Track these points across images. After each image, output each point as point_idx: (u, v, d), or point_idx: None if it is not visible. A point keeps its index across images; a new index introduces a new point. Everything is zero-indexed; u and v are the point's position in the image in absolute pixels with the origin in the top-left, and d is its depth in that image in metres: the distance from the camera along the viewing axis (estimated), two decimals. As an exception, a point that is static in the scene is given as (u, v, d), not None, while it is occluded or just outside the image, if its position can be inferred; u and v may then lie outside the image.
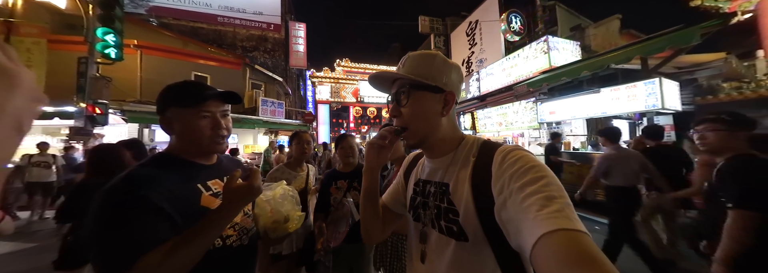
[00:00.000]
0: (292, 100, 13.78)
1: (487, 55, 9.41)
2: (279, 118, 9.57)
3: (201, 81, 0.68)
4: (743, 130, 1.04)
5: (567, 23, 8.20)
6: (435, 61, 0.55)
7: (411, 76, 0.54)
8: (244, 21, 11.14)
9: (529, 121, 6.17)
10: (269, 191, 0.85)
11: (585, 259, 0.30)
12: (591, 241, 0.32)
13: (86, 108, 4.56)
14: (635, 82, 3.94)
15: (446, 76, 0.55)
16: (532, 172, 0.41)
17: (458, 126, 0.61)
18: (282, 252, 1.48)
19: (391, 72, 0.56)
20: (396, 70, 0.57)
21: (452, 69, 0.56)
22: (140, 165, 0.63)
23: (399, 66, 0.58)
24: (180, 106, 0.64)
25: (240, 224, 0.72)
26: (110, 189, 0.55)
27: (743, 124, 1.05)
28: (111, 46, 4.83)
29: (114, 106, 5.59)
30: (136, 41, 7.16)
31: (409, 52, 0.61)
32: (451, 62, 0.57)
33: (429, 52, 0.56)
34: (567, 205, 0.36)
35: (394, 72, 0.57)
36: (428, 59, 0.55)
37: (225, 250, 0.65)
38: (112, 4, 4.81)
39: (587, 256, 0.30)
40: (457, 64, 0.59)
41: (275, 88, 10.83)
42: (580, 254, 0.30)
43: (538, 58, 6.52)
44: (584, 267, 0.29)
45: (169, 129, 0.66)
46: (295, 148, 1.62)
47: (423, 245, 0.56)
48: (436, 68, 0.54)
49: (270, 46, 11.88)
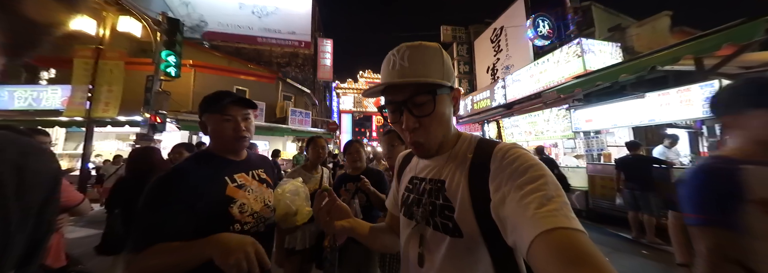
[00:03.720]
0: (318, 110, 14.55)
1: (513, 61, 9.00)
2: (306, 127, 10.16)
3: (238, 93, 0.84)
4: None
5: (605, 23, 7.52)
6: (438, 55, 0.49)
7: (430, 80, 0.47)
8: (279, 40, 12.33)
9: (563, 130, 5.67)
10: (285, 186, 0.94)
11: (582, 258, 0.29)
12: (588, 239, 0.32)
13: (150, 118, 5.37)
14: (689, 85, 3.42)
15: (449, 70, 0.50)
16: (530, 171, 0.41)
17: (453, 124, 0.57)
18: (296, 247, 1.57)
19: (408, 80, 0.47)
20: (391, 69, 0.49)
21: (448, 59, 0.51)
22: (186, 159, 0.81)
23: (398, 65, 0.48)
24: (210, 112, 0.80)
25: (259, 213, 0.83)
26: (157, 179, 0.70)
27: None
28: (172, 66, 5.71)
29: (171, 116, 6.51)
30: (192, 61, 8.35)
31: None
32: (443, 51, 0.51)
33: (427, 45, 0.49)
34: (565, 204, 0.36)
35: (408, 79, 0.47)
36: (433, 53, 0.49)
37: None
38: (175, 31, 5.74)
39: (584, 255, 0.30)
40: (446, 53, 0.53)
41: (304, 99, 11.59)
42: (577, 252, 0.30)
43: (570, 62, 6.05)
44: (581, 265, 0.29)
45: (205, 131, 0.83)
46: (311, 152, 1.74)
47: (417, 243, 0.55)
48: (442, 63, 0.49)
49: (300, 61, 12.88)
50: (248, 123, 0.84)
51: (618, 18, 7.77)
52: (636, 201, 3.27)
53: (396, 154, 1.48)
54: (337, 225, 0.60)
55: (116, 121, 6.32)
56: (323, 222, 0.60)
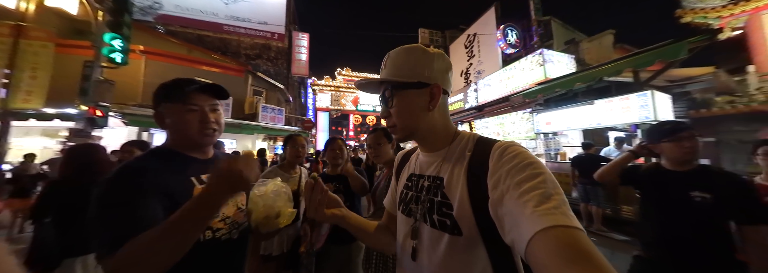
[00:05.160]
0: (293, 107, 13.94)
1: (485, 66, 9.60)
2: (278, 125, 9.65)
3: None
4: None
5: (562, 37, 8.43)
6: (414, 56, 0.54)
7: (392, 79, 0.54)
8: (249, 30, 11.49)
9: (526, 132, 6.18)
10: (263, 186, 0.85)
11: (581, 256, 0.30)
12: (587, 237, 0.32)
13: (88, 110, 4.61)
14: (628, 94, 3.99)
15: (428, 69, 0.53)
16: (529, 169, 0.41)
17: (451, 121, 0.59)
18: (272, 253, 1.48)
19: (375, 78, 0.58)
20: (380, 73, 0.58)
21: (434, 59, 0.54)
22: (137, 158, 0.67)
23: (382, 67, 0.58)
24: (169, 101, 0.67)
25: (232, 218, 0.72)
26: (108, 178, 0.57)
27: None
28: (117, 51, 4.98)
29: (115, 109, 5.66)
30: (142, 47, 7.37)
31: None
32: (432, 51, 0.55)
33: (408, 47, 0.55)
34: (563, 202, 0.36)
35: (378, 77, 0.57)
36: (407, 55, 0.55)
37: (214, 243, 0.65)
38: (122, 11, 5.01)
39: (583, 253, 0.30)
40: (439, 51, 0.56)
41: (276, 95, 10.99)
42: (576, 251, 0.30)
43: (533, 70, 6.65)
44: (580, 263, 0.29)
45: (162, 124, 0.69)
46: (290, 151, 1.63)
47: (414, 241, 0.54)
48: (416, 63, 0.54)
49: (273, 55, 12.18)
50: (217, 115, 0.71)
51: (572, 33, 8.76)
52: (587, 194, 3.73)
53: (383, 152, 1.48)
54: (328, 212, 0.59)
55: (42, 113, 5.29)
56: (314, 211, 0.59)
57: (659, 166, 1.17)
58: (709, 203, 0.99)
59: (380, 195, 1.37)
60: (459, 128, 0.62)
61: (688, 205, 1.02)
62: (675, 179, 1.08)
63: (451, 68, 0.58)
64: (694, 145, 1.05)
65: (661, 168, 1.15)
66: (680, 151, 1.06)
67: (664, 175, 1.12)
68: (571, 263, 0.29)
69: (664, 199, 1.09)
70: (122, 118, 6.06)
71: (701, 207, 0.99)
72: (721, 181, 1.01)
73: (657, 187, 1.13)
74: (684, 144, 1.05)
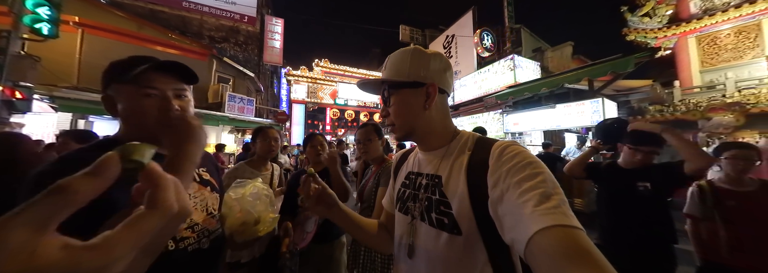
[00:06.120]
0: (264, 97, 13.08)
1: (461, 67, 9.99)
2: (248, 116, 8.98)
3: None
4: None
5: (530, 45, 9.13)
6: (411, 57, 0.56)
7: (390, 79, 0.56)
8: (213, 9, 10.40)
9: (496, 131, 6.63)
10: (240, 188, 0.76)
11: (580, 255, 0.30)
12: (586, 237, 0.32)
13: (3, 91, 3.81)
14: (583, 100, 4.49)
15: (424, 69, 0.55)
16: (529, 168, 0.41)
17: (451, 120, 0.61)
18: (241, 260, 1.34)
19: (376, 78, 0.59)
20: (381, 74, 0.60)
21: (430, 59, 0.56)
22: (81, 149, 0.54)
23: (382, 69, 0.60)
24: (121, 82, 0.53)
25: (201, 225, 0.62)
26: (38, 173, 0.46)
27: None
28: (43, 21, 4.13)
29: (41, 91, 4.76)
30: (78, 18, 6.25)
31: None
32: (429, 52, 0.57)
33: (405, 49, 0.58)
34: (563, 201, 0.36)
35: (379, 77, 0.59)
36: (404, 56, 0.56)
37: (179, 254, 0.57)
38: (53, -26, 4.18)
39: (583, 252, 0.30)
40: (436, 52, 0.58)
41: (246, 83, 10.20)
42: (576, 250, 0.30)
43: (505, 74, 7.11)
44: (579, 262, 0.29)
45: (112, 110, 0.56)
46: (260, 145, 1.46)
47: (411, 239, 0.54)
48: (412, 64, 0.55)
49: (242, 39, 11.22)
50: (185, 103, 0.58)
51: (538, 42, 9.54)
52: (545, 189, 4.18)
53: (372, 148, 1.46)
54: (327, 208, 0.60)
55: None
56: (312, 208, 0.59)
57: (615, 164, 1.42)
58: (649, 190, 1.23)
59: (368, 193, 1.34)
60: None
61: (633, 193, 1.26)
62: (625, 174, 1.33)
63: (450, 68, 0.59)
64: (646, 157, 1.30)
65: (616, 165, 1.40)
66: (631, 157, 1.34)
67: (618, 170, 1.37)
68: (570, 262, 0.29)
69: (615, 189, 1.35)
70: (51, 101, 5.11)
71: (643, 194, 1.24)
72: (656, 170, 1.28)
73: (611, 180, 1.39)
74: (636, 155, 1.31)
